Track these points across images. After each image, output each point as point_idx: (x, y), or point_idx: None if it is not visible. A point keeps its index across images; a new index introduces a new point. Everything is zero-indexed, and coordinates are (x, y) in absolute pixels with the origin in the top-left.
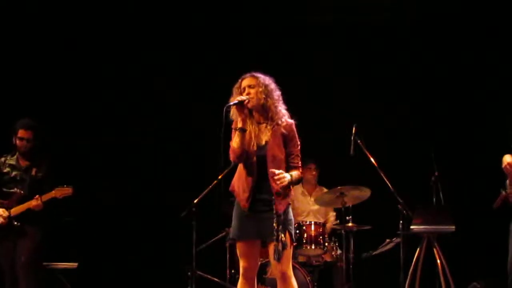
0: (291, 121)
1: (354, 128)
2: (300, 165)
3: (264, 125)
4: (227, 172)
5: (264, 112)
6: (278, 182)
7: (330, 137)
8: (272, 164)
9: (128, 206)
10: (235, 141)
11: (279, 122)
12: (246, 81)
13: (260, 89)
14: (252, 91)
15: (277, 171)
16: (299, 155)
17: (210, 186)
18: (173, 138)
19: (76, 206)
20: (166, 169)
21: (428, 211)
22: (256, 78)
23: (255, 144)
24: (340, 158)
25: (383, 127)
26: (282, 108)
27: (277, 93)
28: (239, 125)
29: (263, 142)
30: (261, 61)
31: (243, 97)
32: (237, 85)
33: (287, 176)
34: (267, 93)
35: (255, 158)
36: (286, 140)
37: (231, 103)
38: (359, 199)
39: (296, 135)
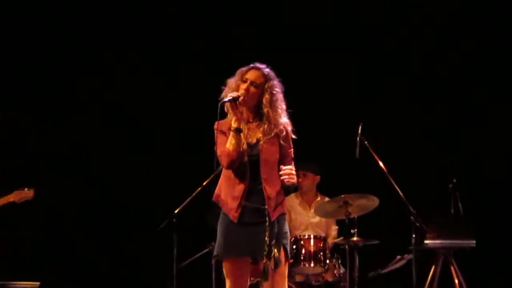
0: (287, 120)
1: (359, 128)
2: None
3: (254, 123)
4: (212, 178)
5: (258, 109)
6: (287, 178)
7: (332, 138)
8: (266, 164)
9: (98, 217)
10: (230, 143)
11: (274, 121)
12: (248, 74)
13: (261, 83)
14: (252, 86)
15: (287, 167)
16: (293, 158)
17: (194, 194)
18: (151, 141)
19: (37, 217)
20: (143, 175)
21: (444, 223)
22: (259, 71)
23: (245, 143)
24: (344, 162)
25: (393, 126)
26: (282, 108)
27: (279, 90)
28: (234, 124)
29: (254, 140)
30: (260, 60)
31: (237, 93)
32: (236, 76)
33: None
34: (268, 89)
35: (246, 158)
36: (280, 139)
37: (226, 99)
38: (366, 210)
39: (290, 137)
